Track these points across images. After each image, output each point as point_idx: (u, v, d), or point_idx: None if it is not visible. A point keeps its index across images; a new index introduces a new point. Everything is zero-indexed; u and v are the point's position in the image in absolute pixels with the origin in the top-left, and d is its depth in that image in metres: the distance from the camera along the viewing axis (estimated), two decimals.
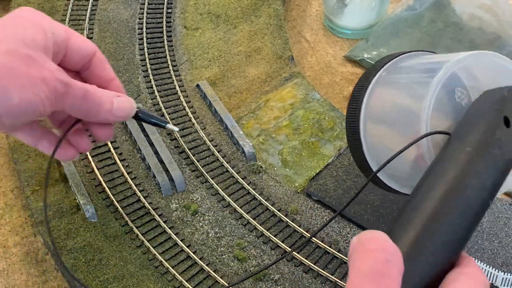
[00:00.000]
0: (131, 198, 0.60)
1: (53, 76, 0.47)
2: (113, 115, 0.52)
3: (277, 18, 0.81)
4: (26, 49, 0.46)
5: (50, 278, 0.59)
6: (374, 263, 0.30)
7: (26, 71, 0.46)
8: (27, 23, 0.48)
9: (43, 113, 0.47)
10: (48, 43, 0.49)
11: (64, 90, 0.48)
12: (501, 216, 0.59)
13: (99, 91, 0.51)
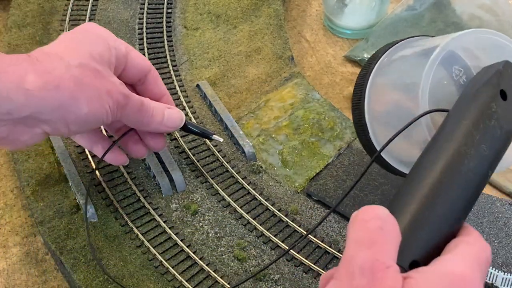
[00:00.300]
0: (131, 198, 0.60)
1: (116, 89, 0.51)
2: (164, 125, 0.57)
3: (277, 18, 0.81)
4: (94, 63, 0.50)
5: (50, 278, 0.59)
6: (367, 231, 0.31)
7: (94, 84, 0.49)
8: (95, 38, 0.52)
9: (106, 122, 0.52)
10: (112, 57, 0.53)
11: (124, 102, 0.52)
12: (501, 216, 0.59)
13: (152, 103, 0.55)
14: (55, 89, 0.47)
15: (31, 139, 0.50)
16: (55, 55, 0.48)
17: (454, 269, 0.32)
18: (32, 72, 0.46)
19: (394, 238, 0.32)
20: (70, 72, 0.48)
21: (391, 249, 0.31)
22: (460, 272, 0.32)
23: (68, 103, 0.48)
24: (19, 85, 0.45)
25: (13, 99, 0.45)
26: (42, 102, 0.47)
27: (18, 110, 0.46)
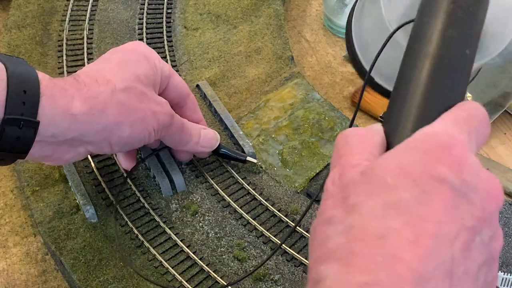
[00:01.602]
0: (131, 198, 0.60)
1: (162, 109, 0.54)
2: (200, 146, 0.59)
3: (277, 18, 0.81)
4: (140, 85, 0.52)
5: (50, 278, 0.59)
6: (336, 152, 0.32)
7: (139, 107, 0.51)
8: (142, 59, 0.54)
9: (148, 142, 0.53)
10: (157, 78, 0.55)
11: (170, 122, 0.54)
12: (501, 216, 0.59)
13: (190, 124, 0.58)
14: (100, 114, 0.48)
15: (75, 157, 0.52)
16: (102, 79, 0.49)
17: (432, 129, 0.30)
18: (78, 98, 0.47)
19: (363, 142, 0.32)
20: (116, 97, 0.49)
21: (360, 152, 0.31)
22: (438, 132, 0.30)
23: (112, 127, 0.49)
24: (65, 111, 0.46)
25: (59, 124, 0.46)
26: (87, 126, 0.48)
27: (62, 133, 0.47)
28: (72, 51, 0.74)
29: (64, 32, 0.76)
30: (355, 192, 0.29)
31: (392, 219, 0.27)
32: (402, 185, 0.28)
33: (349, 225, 0.28)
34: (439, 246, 0.26)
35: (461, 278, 0.27)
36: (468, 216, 0.27)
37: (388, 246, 0.26)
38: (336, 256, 0.27)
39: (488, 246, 0.28)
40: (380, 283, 0.25)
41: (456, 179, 0.28)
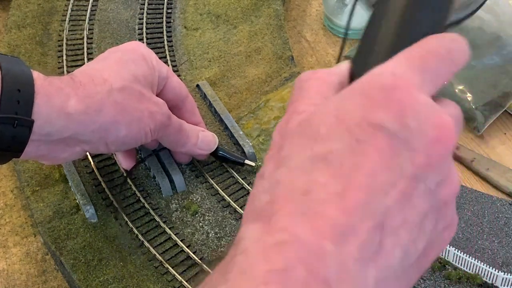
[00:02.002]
0: (131, 198, 0.60)
1: (159, 110, 0.54)
2: (198, 148, 0.59)
3: (277, 18, 0.81)
4: (138, 85, 0.52)
5: (50, 278, 0.59)
6: (291, 96, 0.31)
7: (136, 107, 0.51)
8: (141, 60, 0.53)
9: (145, 142, 0.53)
10: (154, 78, 0.55)
11: (167, 123, 0.54)
12: (501, 216, 0.59)
13: (188, 126, 0.57)
14: (96, 113, 0.48)
15: (71, 156, 0.52)
16: (99, 78, 0.49)
17: (381, 69, 0.27)
18: (74, 97, 0.47)
19: (319, 86, 0.30)
20: (112, 96, 0.49)
21: (311, 97, 0.29)
22: (384, 72, 0.27)
23: (108, 126, 0.49)
24: (60, 109, 0.46)
25: (54, 123, 0.46)
26: (83, 125, 0.48)
27: (58, 132, 0.47)
28: (72, 51, 0.74)
29: (64, 32, 0.76)
30: (289, 143, 0.28)
31: (320, 173, 0.25)
32: (335, 135, 0.26)
33: (276, 181, 0.27)
34: (370, 198, 0.25)
35: (397, 228, 0.25)
36: (408, 164, 0.26)
37: (311, 201, 0.25)
38: (260, 215, 0.26)
39: (435, 193, 0.27)
40: (297, 240, 0.24)
41: (396, 125, 0.26)
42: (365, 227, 0.25)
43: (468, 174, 0.67)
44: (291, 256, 0.24)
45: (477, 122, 0.69)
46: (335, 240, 0.24)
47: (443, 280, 0.55)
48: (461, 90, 0.71)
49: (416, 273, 0.28)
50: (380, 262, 0.25)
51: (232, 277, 0.25)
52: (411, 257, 0.27)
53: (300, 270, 0.24)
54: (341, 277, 0.24)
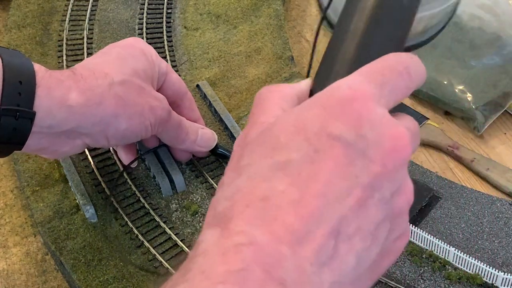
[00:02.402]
0: (131, 198, 0.60)
1: (160, 104, 0.53)
2: (197, 145, 0.59)
3: (277, 18, 0.81)
4: (138, 80, 0.52)
5: (50, 278, 0.59)
6: (251, 109, 0.32)
7: (137, 101, 0.51)
8: (140, 55, 0.53)
9: (145, 137, 0.53)
10: (155, 73, 0.55)
11: (167, 118, 0.54)
12: (501, 216, 0.59)
13: (187, 122, 0.57)
14: (97, 106, 0.48)
15: (72, 149, 0.52)
16: (100, 72, 0.49)
17: (339, 83, 0.28)
18: (75, 90, 0.47)
19: (279, 99, 0.30)
20: (113, 89, 0.49)
21: (271, 109, 0.30)
22: (343, 85, 0.28)
23: (109, 119, 0.49)
24: (61, 102, 0.46)
25: (55, 115, 0.46)
26: (83, 117, 0.48)
27: (59, 125, 0.47)
28: (72, 51, 0.74)
29: (64, 32, 0.76)
30: (249, 153, 0.28)
31: (279, 181, 0.26)
32: (294, 144, 0.27)
33: (236, 188, 0.27)
34: (326, 206, 0.26)
35: (352, 236, 0.26)
36: (364, 173, 0.27)
37: (269, 207, 0.26)
38: (219, 220, 0.27)
39: (389, 203, 0.28)
40: (255, 243, 0.25)
41: (352, 135, 0.27)
42: (321, 233, 0.25)
43: (468, 174, 0.67)
44: (249, 258, 0.25)
45: (477, 122, 0.69)
46: (291, 244, 0.25)
47: (443, 280, 0.55)
48: (461, 90, 0.71)
49: (369, 279, 0.29)
50: (335, 267, 0.26)
51: (191, 276, 0.25)
52: (365, 263, 0.27)
53: (257, 271, 0.24)
54: (297, 279, 0.25)
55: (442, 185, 0.62)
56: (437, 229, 0.58)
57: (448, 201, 0.61)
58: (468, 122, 0.71)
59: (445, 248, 0.55)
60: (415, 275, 0.55)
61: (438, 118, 0.72)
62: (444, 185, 0.62)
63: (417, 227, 0.57)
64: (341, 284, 0.26)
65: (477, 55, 0.73)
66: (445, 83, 0.72)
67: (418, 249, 0.56)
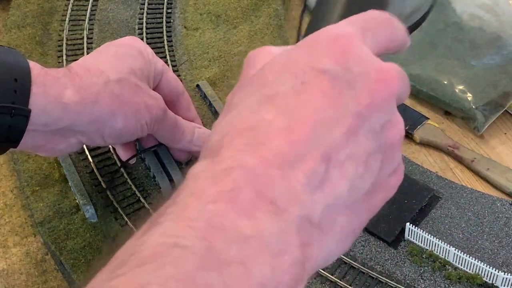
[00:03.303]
0: (131, 198, 0.60)
1: (156, 103, 0.53)
2: (193, 144, 0.58)
3: (277, 18, 0.81)
4: (134, 78, 0.52)
5: (50, 278, 0.59)
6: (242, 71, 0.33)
7: (133, 100, 0.51)
8: (137, 53, 0.53)
9: (141, 135, 0.53)
10: (151, 73, 0.54)
11: (163, 117, 0.53)
12: (501, 216, 0.59)
13: (184, 122, 0.57)
14: (93, 104, 0.48)
15: (67, 148, 0.51)
16: (95, 70, 0.49)
17: (325, 27, 0.30)
18: (70, 87, 0.47)
19: (265, 57, 0.31)
20: (109, 88, 0.49)
21: (258, 64, 0.31)
22: (329, 28, 0.30)
23: (104, 118, 0.49)
24: (57, 99, 0.46)
25: (51, 113, 0.46)
26: (79, 115, 0.48)
27: (54, 122, 0.47)
28: (72, 51, 0.74)
29: (64, 32, 0.76)
30: (239, 93, 0.29)
31: (266, 111, 0.27)
32: (281, 79, 0.28)
33: (226, 122, 0.28)
34: (316, 131, 0.26)
35: (343, 161, 0.27)
36: (352, 102, 0.27)
37: (258, 135, 0.26)
38: (211, 151, 0.27)
39: (380, 133, 0.28)
40: (245, 166, 0.25)
41: (338, 68, 0.28)
42: (311, 157, 0.26)
43: (468, 174, 0.67)
44: (239, 179, 0.25)
45: (477, 122, 0.69)
46: (282, 167, 0.26)
47: (443, 280, 0.55)
48: (461, 90, 0.71)
49: (365, 211, 0.29)
50: (328, 191, 0.26)
51: (181, 199, 0.26)
52: (359, 191, 0.28)
53: (248, 191, 0.25)
54: (288, 199, 0.25)
55: (442, 185, 0.62)
56: (437, 229, 0.58)
57: (448, 201, 0.61)
58: (468, 122, 0.71)
59: (445, 248, 0.55)
60: (415, 275, 0.55)
61: (438, 118, 0.72)
62: (444, 185, 0.62)
63: (417, 227, 0.57)
64: (336, 208, 0.27)
65: (477, 55, 0.73)
66: (445, 83, 0.72)
67: (418, 249, 0.56)
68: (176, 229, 0.25)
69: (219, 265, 0.23)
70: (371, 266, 0.56)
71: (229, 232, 0.24)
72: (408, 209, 0.59)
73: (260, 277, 0.23)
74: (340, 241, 0.28)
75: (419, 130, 0.68)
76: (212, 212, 0.24)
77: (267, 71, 0.29)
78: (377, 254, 0.57)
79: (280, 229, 0.25)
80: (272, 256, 0.24)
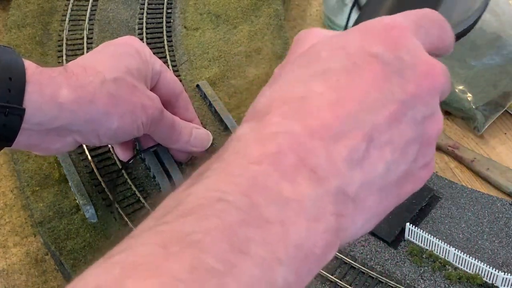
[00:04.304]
0: (131, 198, 0.60)
1: (152, 103, 0.53)
2: (190, 145, 0.58)
3: (277, 18, 0.81)
4: (131, 78, 0.51)
5: (50, 278, 0.59)
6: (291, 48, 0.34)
7: (129, 99, 0.50)
8: (134, 53, 0.53)
9: (137, 135, 0.53)
10: (148, 73, 0.54)
11: (159, 118, 0.53)
12: (501, 216, 0.59)
13: (181, 122, 0.57)
14: (88, 104, 0.48)
15: (63, 147, 0.51)
16: (92, 69, 0.49)
17: (380, 17, 0.31)
18: (66, 86, 0.47)
19: (314, 38, 0.32)
20: (105, 87, 0.49)
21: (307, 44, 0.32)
22: (384, 18, 0.31)
23: (100, 117, 0.49)
24: (52, 98, 0.46)
25: (46, 112, 0.46)
26: (74, 115, 0.48)
27: (49, 121, 0.47)
28: (72, 51, 0.74)
29: (64, 32, 0.76)
30: (289, 66, 0.30)
31: (317, 84, 0.28)
32: (334, 57, 0.29)
33: (275, 89, 0.29)
34: (362, 111, 0.27)
35: (383, 145, 0.28)
36: (399, 90, 0.28)
37: (307, 105, 0.27)
38: (256, 115, 0.28)
39: (421, 125, 0.29)
40: (290, 132, 0.26)
41: (390, 55, 0.29)
42: (355, 134, 0.27)
43: (468, 174, 0.67)
44: (284, 144, 0.26)
45: (477, 122, 0.69)
46: (326, 139, 0.26)
47: (443, 280, 0.55)
48: (461, 90, 0.71)
49: (394, 196, 0.30)
50: (366, 169, 0.27)
51: (226, 156, 0.27)
52: (392, 176, 0.29)
53: (291, 156, 0.26)
54: (328, 170, 0.26)
55: (442, 185, 0.62)
56: (437, 229, 0.58)
57: (448, 201, 0.61)
58: (468, 122, 0.71)
59: (445, 248, 0.55)
60: (415, 275, 0.55)
61: None
62: (444, 185, 0.62)
63: (417, 227, 0.57)
64: (370, 187, 0.28)
65: (477, 55, 0.73)
66: None
67: (418, 249, 0.56)
68: (221, 184, 0.26)
69: (259, 222, 0.24)
70: (371, 266, 0.56)
71: (271, 192, 0.25)
72: (408, 209, 0.59)
73: (296, 238, 0.25)
74: (367, 220, 0.29)
75: None
76: (256, 171, 0.25)
77: (320, 48, 0.30)
78: (377, 254, 0.57)
79: (318, 196, 0.26)
80: (309, 220, 0.25)
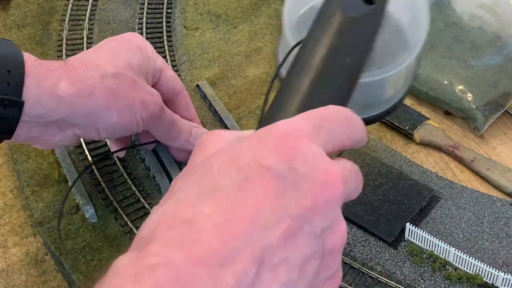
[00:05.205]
0: (131, 198, 0.60)
1: (152, 99, 0.53)
2: (190, 143, 0.58)
3: (277, 18, 0.81)
4: (132, 73, 0.51)
5: (50, 278, 0.59)
6: None
7: (129, 95, 0.50)
8: (136, 49, 0.53)
9: (136, 131, 0.53)
10: (149, 69, 0.54)
11: (159, 114, 0.53)
12: (501, 216, 0.59)
13: (181, 120, 0.57)
14: (88, 97, 0.48)
15: (63, 140, 0.51)
16: (92, 63, 0.49)
17: (278, 122, 0.29)
18: (65, 80, 0.47)
19: (217, 141, 0.31)
20: (105, 81, 0.49)
21: (208, 150, 0.30)
22: (280, 123, 0.29)
23: (99, 111, 0.49)
24: (51, 91, 0.46)
25: (44, 105, 0.46)
26: (73, 108, 0.48)
27: (48, 114, 0.47)
28: (72, 51, 0.74)
29: (64, 32, 0.76)
30: (182, 181, 0.28)
31: (205, 205, 0.26)
32: (225, 172, 0.27)
33: (162, 212, 0.27)
34: (251, 232, 0.25)
35: (277, 266, 0.26)
36: (294, 204, 0.26)
37: (192, 230, 0.25)
38: (141, 243, 0.26)
39: (320, 238, 0.27)
40: (170, 264, 0.24)
41: (283, 167, 0.27)
42: (243, 258, 0.25)
43: (468, 174, 0.67)
44: (162, 278, 0.24)
45: (477, 122, 0.69)
46: (210, 267, 0.24)
47: (443, 280, 0.55)
48: (461, 90, 0.71)
49: None
50: None
51: None
52: None
53: None
54: None
55: (442, 185, 0.62)
56: (437, 229, 0.58)
57: (448, 201, 0.61)
58: (468, 122, 0.71)
59: (445, 248, 0.55)
60: (415, 275, 0.55)
61: (438, 118, 0.72)
62: (444, 185, 0.62)
63: (417, 227, 0.57)
64: None
65: (477, 55, 0.73)
66: (445, 83, 0.72)
67: (418, 249, 0.56)
68: None
69: None
70: (371, 266, 0.56)
71: None
72: (408, 209, 0.59)
73: None
74: None
75: (419, 130, 0.68)
76: None
77: (212, 161, 0.28)
78: (377, 254, 0.57)
79: None
80: None
